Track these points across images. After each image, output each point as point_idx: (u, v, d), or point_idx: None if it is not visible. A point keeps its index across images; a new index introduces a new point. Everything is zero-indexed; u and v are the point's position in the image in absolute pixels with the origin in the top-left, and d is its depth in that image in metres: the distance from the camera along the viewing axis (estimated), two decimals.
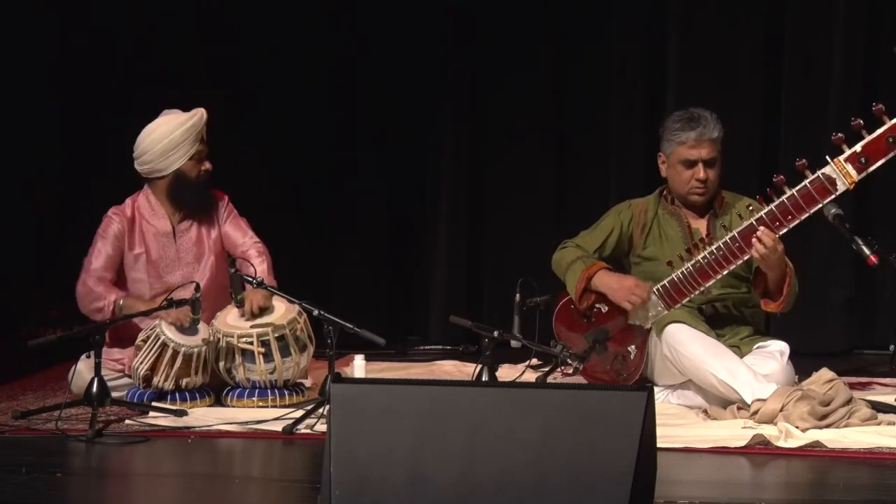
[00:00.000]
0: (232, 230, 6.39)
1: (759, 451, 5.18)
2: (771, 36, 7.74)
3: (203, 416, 5.82)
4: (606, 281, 6.06)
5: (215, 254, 6.36)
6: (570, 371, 5.95)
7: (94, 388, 5.57)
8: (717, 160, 6.03)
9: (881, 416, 5.51)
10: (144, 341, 6.02)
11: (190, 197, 6.28)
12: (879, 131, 5.58)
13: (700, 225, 6.10)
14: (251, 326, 6.06)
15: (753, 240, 5.73)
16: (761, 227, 5.73)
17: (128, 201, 6.34)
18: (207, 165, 6.28)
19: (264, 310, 6.14)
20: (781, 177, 5.73)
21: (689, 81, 7.74)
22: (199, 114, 6.23)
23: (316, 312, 5.76)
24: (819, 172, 5.66)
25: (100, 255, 6.26)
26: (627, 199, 6.32)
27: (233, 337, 6.03)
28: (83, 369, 5.93)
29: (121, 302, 6.16)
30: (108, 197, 6.42)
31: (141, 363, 5.99)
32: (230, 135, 7.57)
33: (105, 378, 5.67)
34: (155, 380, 5.99)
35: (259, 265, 6.25)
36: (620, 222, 6.19)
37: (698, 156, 6.01)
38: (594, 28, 7.92)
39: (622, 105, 7.90)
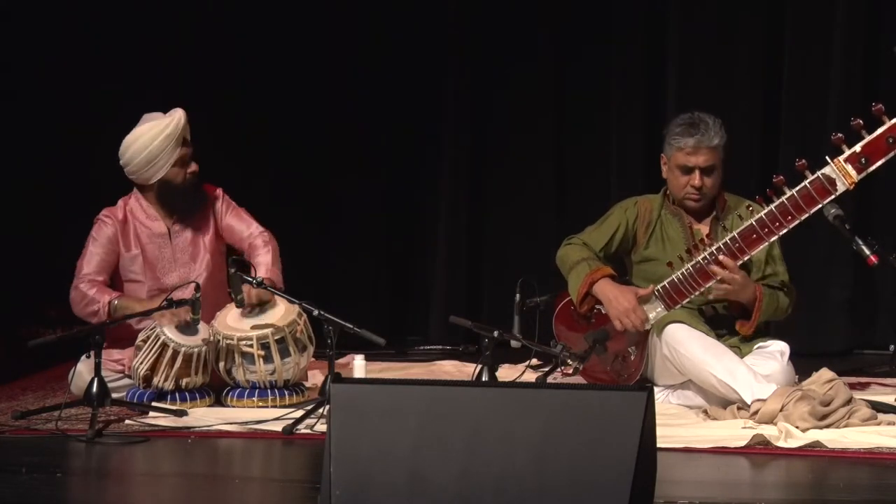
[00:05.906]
0: (235, 222, 6.36)
1: (759, 451, 5.17)
2: (771, 36, 7.74)
3: (203, 416, 5.82)
4: (608, 292, 6.00)
5: (211, 252, 6.33)
6: (570, 371, 5.95)
7: (94, 388, 5.57)
8: (715, 168, 5.99)
9: (881, 416, 5.50)
10: (144, 341, 6.02)
11: (180, 202, 6.25)
12: (879, 131, 5.57)
13: (702, 227, 6.08)
14: (251, 328, 6.06)
15: (712, 273, 5.77)
16: (719, 257, 5.76)
17: (120, 203, 6.31)
18: (193, 167, 6.19)
19: (265, 303, 6.14)
20: (781, 177, 5.72)
21: (688, 81, 7.75)
22: (177, 117, 6.11)
23: (316, 312, 5.75)
24: (819, 173, 5.64)
25: (92, 259, 6.22)
26: (633, 197, 6.28)
27: (233, 339, 6.03)
28: (83, 370, 5.91)
29: (115, 302, 6.14)
30: (107, 196, 6.40)
31: (141, 363, 5.99)
32: (230, 135, 7.59)
33: (105, 378, 5.66)
34: (155, 380, 5.98)
35: (265, 255, 6.23)
36: (626, 219, 6.16)
37: (695, 163, 5.97)
38: (595, 26, 7.92)
39: (622, 104, 7.90)
